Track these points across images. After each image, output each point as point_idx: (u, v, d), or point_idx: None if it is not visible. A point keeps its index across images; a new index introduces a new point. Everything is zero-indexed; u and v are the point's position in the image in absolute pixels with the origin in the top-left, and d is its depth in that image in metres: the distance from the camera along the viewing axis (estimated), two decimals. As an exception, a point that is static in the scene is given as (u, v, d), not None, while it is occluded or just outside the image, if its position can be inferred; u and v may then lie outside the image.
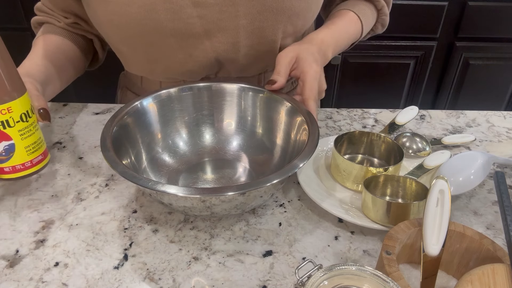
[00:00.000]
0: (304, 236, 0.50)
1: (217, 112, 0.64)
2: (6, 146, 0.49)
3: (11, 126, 0.48)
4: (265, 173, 0.58)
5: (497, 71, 1.74)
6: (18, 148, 0.49)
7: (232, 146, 0.63)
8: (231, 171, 0.60)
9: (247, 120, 0.63)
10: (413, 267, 0.46)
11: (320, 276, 0.36)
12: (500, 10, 1.60)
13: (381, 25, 0.79)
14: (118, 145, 0.51)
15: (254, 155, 0.62)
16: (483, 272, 0.38)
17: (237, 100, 0.63)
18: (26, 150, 0.50)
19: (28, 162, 0.51)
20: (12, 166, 0.50)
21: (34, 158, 0.52)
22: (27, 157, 0.51)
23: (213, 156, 0.62)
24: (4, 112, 0.47)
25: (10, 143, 0.49)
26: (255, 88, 0.62)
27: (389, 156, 0.60)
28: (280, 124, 0.60)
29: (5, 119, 0.47)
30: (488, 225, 0.53)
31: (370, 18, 0.76)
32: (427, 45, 1.68)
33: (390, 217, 0.48)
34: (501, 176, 0.48)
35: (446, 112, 0.79)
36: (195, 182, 0.58)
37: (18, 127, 0.49)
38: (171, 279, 0.45)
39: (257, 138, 0.63)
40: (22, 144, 0.50)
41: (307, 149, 0.48)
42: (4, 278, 0.44)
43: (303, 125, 0.55)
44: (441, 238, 0.40)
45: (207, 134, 0.64)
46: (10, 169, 0.50)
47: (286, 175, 0.45)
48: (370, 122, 0.75)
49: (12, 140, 0.49)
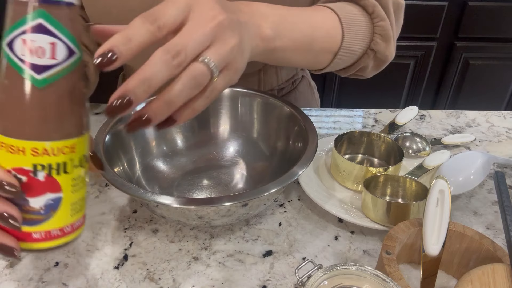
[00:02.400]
0: (304, 236, 0.50)
1: (213, 117, 0.62)
2: (50, 201, 0.32)
3: (67, 173, 0.32)
4: (263, 180, 0.57)
5: (497, 71, 1.74)
6: (65, 204, 0.33)
7: (228, 152, 0.62)
8: (228, 177, 0.59)
9: (244, 125, 0.62)
10: (413, 267, 0.46)
11: (320, 276, 0.36)
12: (500, 10, 1.60)
13: (381, 38, 0.56)
14: (111, 152, 0.50)
15: (251, 161, 0.61)
16: (483, 272, 0.38)
17: (233, 104, 0.62)
18: (71, 209, 0.34)
19: (68, 227, 0.34)
20: (46, 232, 0.33)
21: (76, 221, 0.35)
22: (70, 218, 0.34)
23: (209, 162, 0.61)
24: (67, 151, 0.32)
25: (56, 197, 0.32)
26: (252, 92, 0.61)
27: (389, 156, 0.60)
28: (278, 129, 0.59)
29: (64, 161, 0.32)
30: (488, 225, 0.53)
31: (358, 20, 0.55)
32: (427, 45, 1.68)
33: (390, 217, 0.48)
34: (501, 176, 0.48)
35: (446, 112, 0.79)
36: (191, 189, 0.57)
37: (73, 174, 0.33)
38: (171, 279, 0.45)
39: (254, 143, 0.61)
40: (70, 199, 0.33)
41: (305, 155, 0.48)
42: (4, 278, 0.44)
43: (301, 130, 0.54)
44: (441, 238, 0.40)
45: (203, 139, 0.62)
46: (42, 236, 0.33)
47: (285, 183, 0.44)
48: (370, 122, 0.75)
49: (61, 193, 0.33)
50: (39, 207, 0.32)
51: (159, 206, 0.44)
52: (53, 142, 0.31)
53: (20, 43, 0.29)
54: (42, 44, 0.29)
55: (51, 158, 0.31)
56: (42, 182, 0.31)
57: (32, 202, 0.32)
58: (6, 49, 0.29)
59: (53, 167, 0.31)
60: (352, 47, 0.55)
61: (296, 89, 0.80)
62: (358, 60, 0.58)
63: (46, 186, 0.32)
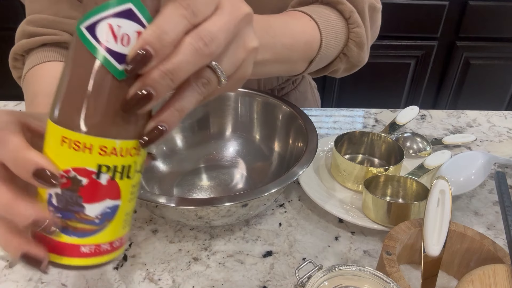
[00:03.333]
0: (305, 236, 0.50)
1: (213, 117, 0.62)
2: (107, 209, 0.28)
3: (129, 178, 0.28)
4: (263, 180, 0.57)
5: (498, 70, 1.74)
6: (120, 214, 0.29)
7: (228, 152, 0.62)
8: (228, 177, 0.59)
9: (244, 125, 0.62)
10: (414, 268, 0.46)
11: (320, 277, 0.36)
12: (501, 10, 1.60)
13: (355, 44, 0.55)
14: None
15: (251, 161, 0.60)
16: (484, 273, 0.38)
17: (233, 104, 0.61)
18: (124, 220, 0.30)
19: (117, 241, 0.30)
20: (96, 245, 0.29)
21: (124, 235, 0.31)
22: (121, 231, 0.30)
23: (209, 163, 0.61)
24: (133, 152, 0.28)
25: (114, 205, 0.28)
26: (252, 92, 0.60)
27: (389, 156, 0.60)
28: (278, 129, 0.59)
29: (130, 164, 0.28)
30: (489, 225, 0.53)
31: (335, 27, 0.54)
32: (427, 45, 1.68)
33: (391, 217, 0.48)
34: (502, 176, 0.48)
35: (446, 112, 0.79)
36: (191, 189, 0.57)
37: (133, 180, 0.29)
38: (170, 279, 0.44)
39: (254, 143, 0.61)
40: (125, 208, 0.29)
41: (306, 155, 0.48)
42: (4, 279, 0.44)
43: (301, 130, 0.54)
44: (441, 238, 0.40)
45: (202, 139, 0.62)
46: (91, 250, 0.28)
47: (285, 183, 0.44)
48: (370, 122, 0.75)
49: (119, 200, 0.28)
50: (95, 216, 0.27)
51: (159, 206, 0.44)
52: (123, 141, 0.27)
53: (104, 28, 0.25)
54: (129, 32, 0.25)
55: (118, 159, 0.27)
56: (103, 187, 0.27)
57: (88, 209, 0.27)
58: (85, 33, 0.25)
59: (118, 170, 0.27)
60: (327, 54, 0.54)
61: (297, 89, 0.80)
62: (330, 64, 0.58)
63: (107, 191, 0.27)
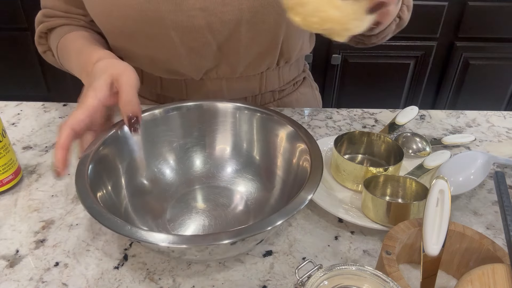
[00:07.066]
0: (304, 236, 0.50)
1: (209, 135, 0.58)
2: None
3: None
4: (263, 203, 0.53)
5: (497, 71, 1.74)
6: None
7: (226, 173, 0.57)
8: (226, 200, 0.54)
9: (242, 144, 0.57)
10: (413, 267, 0.46)
11: (320, 276, 0.36)
12: (500, 10, 1.60)
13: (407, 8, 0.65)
14: (96, 175, 0.46)
15: (250, 182, 0.56)
16: (483, 272, 0.38)
17: (231, 120, 0.57)
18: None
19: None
20: None
21: (4, 179, 0.55)
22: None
23: (205, 184, 0.56)
24: None
25: None
26: (250, 107, 0.56)
27: (389, 156, 0.60)
28: (279, 147, 0.55)
29: None
30: (488, 225, 0.53)
31: None
32: (427, 45, 1.68)
33: (390, 217, 0.48)
34: (501, 176, 0.48)
35: (446, 112, 0.79)
36: (185, 213, 0.52)
37: None
38: (171, 279, 0.45)
39: (253, 163, 0.57)
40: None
41: (311, 178, 0.44)
42: (4, 278, 0.44)
43: (305, 149, 0.50)
44: (441, 238, 0.40)
45: (197, 159, 0.58)
46: None
47: (292, 213, 0.40)
48: (370, 122, 0.75)
49: None
50: None
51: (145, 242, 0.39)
52: None
53: None
54: None
55: None
56: None
57: None
58: None
59: None
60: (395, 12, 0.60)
61: (298, 90, 0.80)
62: (387, 27, 0.65)
63: None
